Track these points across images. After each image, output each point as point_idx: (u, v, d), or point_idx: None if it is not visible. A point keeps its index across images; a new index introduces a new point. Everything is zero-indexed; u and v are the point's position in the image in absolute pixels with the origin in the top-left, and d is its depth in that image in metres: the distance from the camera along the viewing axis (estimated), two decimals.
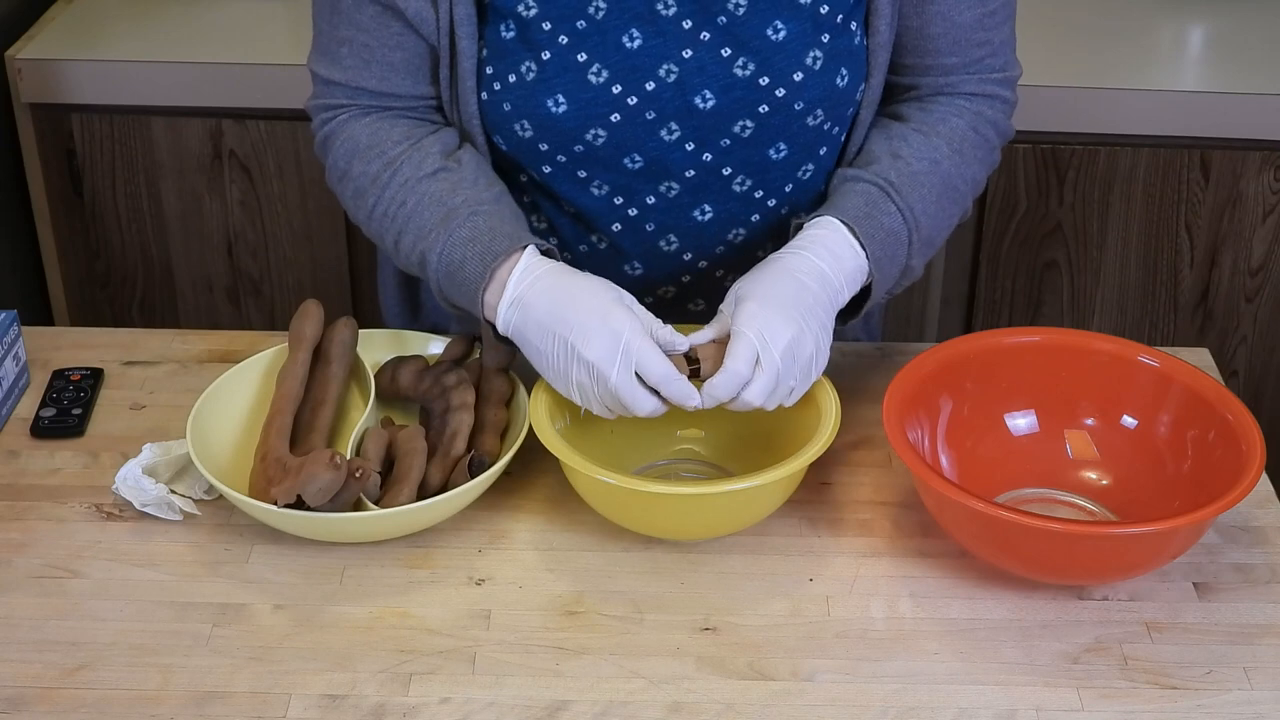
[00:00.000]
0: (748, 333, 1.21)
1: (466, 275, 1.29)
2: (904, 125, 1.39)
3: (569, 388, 1.24)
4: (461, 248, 1.30)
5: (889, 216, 1.33)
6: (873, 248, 1.30)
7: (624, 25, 1.32)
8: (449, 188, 1.34)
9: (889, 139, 1.39)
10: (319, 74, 1.41)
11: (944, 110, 1.40)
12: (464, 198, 1.33)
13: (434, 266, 1.32)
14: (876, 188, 1.34)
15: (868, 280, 1.31)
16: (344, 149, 1.39)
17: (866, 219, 1.31)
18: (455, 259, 1.30)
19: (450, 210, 1.32)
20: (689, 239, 1.43)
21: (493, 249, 1.28)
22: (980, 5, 1.37)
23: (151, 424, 1.41)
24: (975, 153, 1.40)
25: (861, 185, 1.35)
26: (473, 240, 1.30)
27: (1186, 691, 1.13)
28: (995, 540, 1.19)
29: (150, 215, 2.21)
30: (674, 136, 1.36)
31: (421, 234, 1.33)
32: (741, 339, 1.21)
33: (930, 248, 1.38)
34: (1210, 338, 2.21)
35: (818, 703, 1.12)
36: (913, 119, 1.40)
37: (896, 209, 1.33)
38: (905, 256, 1.35)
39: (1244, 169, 2.09)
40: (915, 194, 1.35)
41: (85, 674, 1.14)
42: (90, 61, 2.12)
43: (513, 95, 1.34)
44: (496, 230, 1.30)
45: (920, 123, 1.39)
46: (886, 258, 1.32)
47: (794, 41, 1.32)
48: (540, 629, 1.18)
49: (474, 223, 1.31)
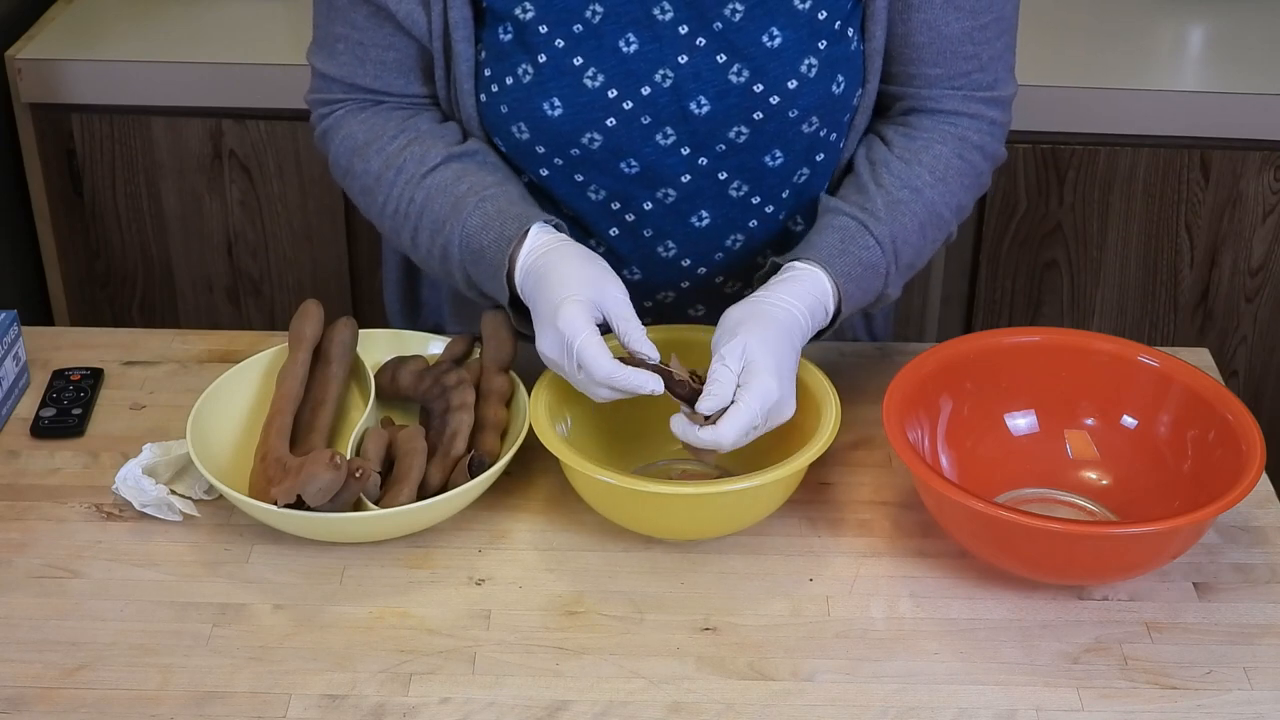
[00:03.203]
0: (753, 403, 1.19)
1: (489, 262, 1.30)
2: (887, 151, 1.38)
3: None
4: (478, 235, 1.30)
5: (866, 251, 1.32)
6: (846, 284, 1.30)
7: (620, 30, 1.32)
8: (454, 176, 1.34)
9: (872, 165, 1.38)
10: (316, 67, 1.41)
11: (928, 137, 1.38)
12: (469, 184, 1.33)
13: (457, 260, 1.32)
14: (855, 221, 1.33)
15: (835, 307, 1.31)
16: (344, 146, 1.39)
17: (841, 255, 1.31)
18: (474, 248, 1.31)
19: (458, 199, 1.32)
20: (687, 245, 1.43)
21: (505, 234, 1.29)
22: (971, 18, 1.35)
23: (151, 424, 1.41)
24: (960, 180, 1.38)
25: (840, 220, 1.34)
26: (485, 228, 1.30)
27: (1186, 691, 1.13)
28: (995, 540, 1.19)
29: (150, 215, 2.21)
30: (670, 141, 1.35)
31: (437, 228, 1.33)
32: (743, 409, 1.19)
33: (910, 271, 1.38)
34: (1210, 338, 2.21)
35: (818, 703, 1.12)
36: (896, 144, 1.39)
37: (875, 241, 1.32)
38: (881, 285, 1.34)
39: (1244, 169, 2.09)
40: (896, 223, 1.34)
41: (85, 674, 1.14)
42: (90, 61, 2.12)
43: (509, 98, 1.35)
44: (506, 213, 1.30)
45: (903, 149, 1.38)
46: (858, 290, 1.32)
47: (789, 48, 1.32)
48: (540, 629, 1.18)
49: (483, 209, 1.31)
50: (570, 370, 1.22)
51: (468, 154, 1.36)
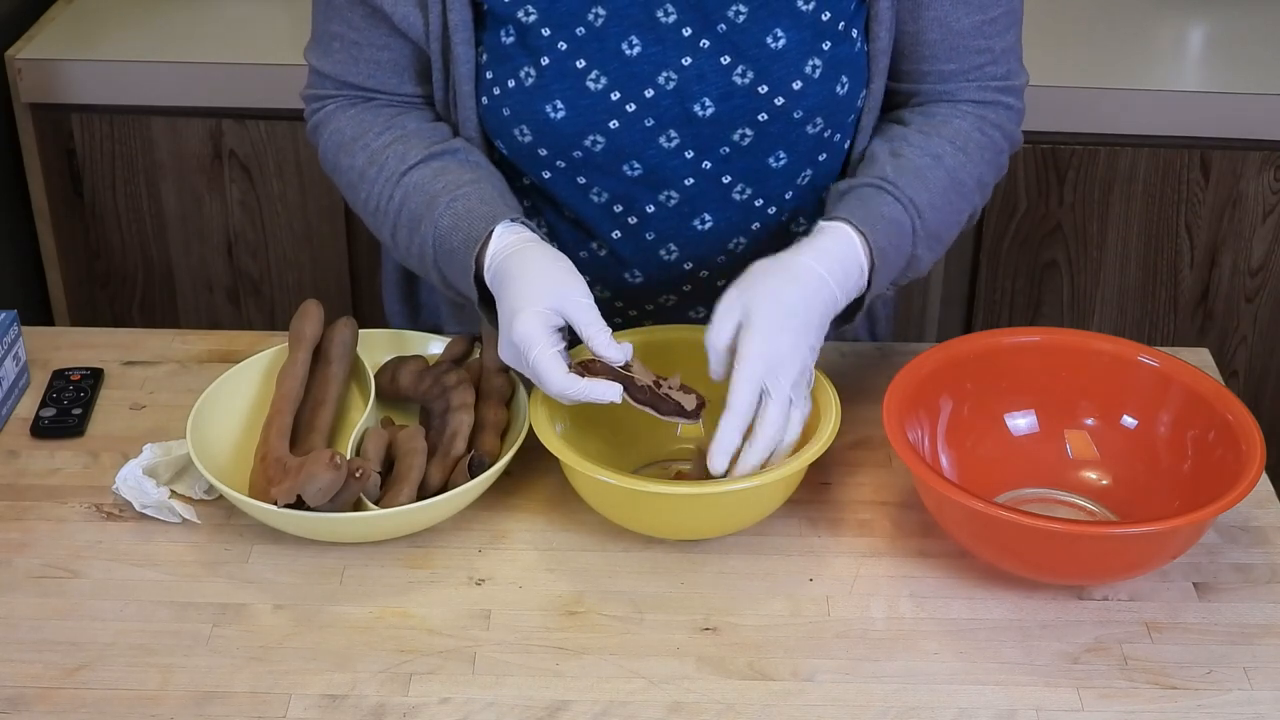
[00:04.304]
0: (750, 381, 1.19)
1: (458, 263, 1.30)
2: (905, 128, 1.38)
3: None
4: (448, 236, 1.30)
5: (887, 206, 1.31)
6: (875, 237, 1.27)
7: (624, 32, 1.32)
8: (431, 174, 1.34)
9: (889, 140, 1.38)
10: (312, 64, 1.42)
11: (946, 113, 1.39)
12: (444, 183, 1.33)
13: (431, 261, 1.32)
14: (871, 187, 1.33)
15: (869, 271, 1.28)
16: (331, 141, 1.40)
17: (862, 209, 1.29)
18: (445, 249, 1.30)
19: (432, 198, 1.32)
20: (689, 248, 1.42)
21: (472, 235, 1.28)
22: (980, 12, 1.35)
23: (151, 424, 1.41)
24: (981, 153, 1.38)
25: (856, 190, 1.33)
26: (454, 229, 1.30)
27: (1186, 691, 1.13)
28: (995, 540, 1.19)
29: (150, 215, 2.21)
30: (673, 144, 1.35)
31: (414, 227, 1.33)
32: (744, 385, 1.19)
33: (938, 242, 1.36)
34: (1210, 338, 2.21)
35: (818, 703, 1.12)
36: (914, 122, 1.39)
37: (894, 199, 1.31)
38: (910, 245, 1.32)
39: (1244, 169, 2.09)
40: (916, 185, 1.33)
41: (85, 674, 1.14)
42: (90, 61, 2.12)
43: (512, 100, 1.34)
44: (474, 212, 1.30)
45: (922, 125, 1.38)
46: (890, 246, 1.29)
47: (793, 50, 1.32)
48: (540, 629, 1.18)
49: (454, 209, 1.31)
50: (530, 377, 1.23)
51: (448, 151, 1.36)
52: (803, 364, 1.22)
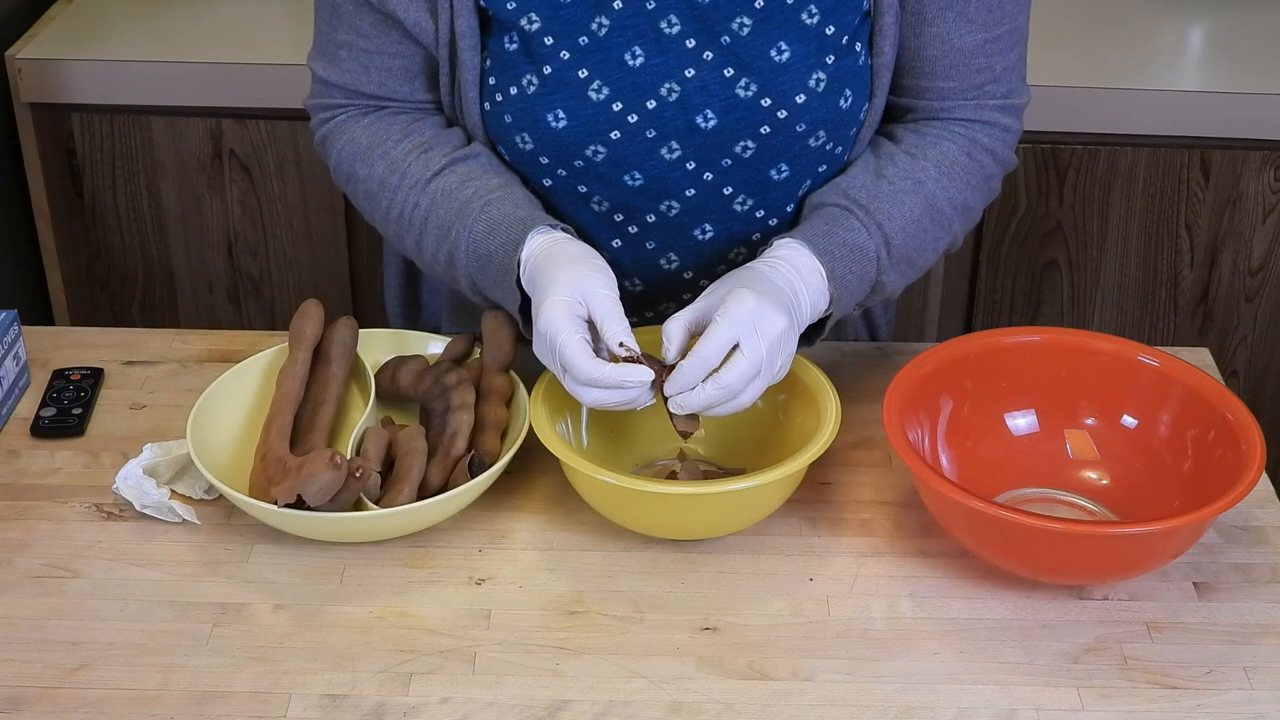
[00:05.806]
0: (734, 322, 1.18)
1: (496, 268, 1.29)
2: (894, 146, 1.38)
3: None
4: (484, 241, 1.30)
5: (851, 232, 1.30)
6: (832, 263, 1.28)
7: (627, 43, 1.32)
8: (459, 181, 1.34)
9: (876, 158, 1.37)
10: (317, 73, 1.41)
11: (936, 134, 1.38)
12: (474, 189, 1.33)
13: (463, 267, 1.32)
14: (838, 208, 1.32)
15: (830, 299, 1.29)
16: (346, 152, 1.39)
17: (825, 236, 1.29)
18: (480, 254, 1.30)
19: (463, 204, 1.32)
20: (689, 257, 1.42)
21: (511, 239, 1.28)
22: (983, 31, 1.34)
23: (151, 424, 1.41)
24: (967, 178, 1.37)
25: (824, 210, 1.33)
26: (490, 233, 1.30)
27: (1186, 691, 1.13)
28: (995, 540, 1.20)
29: (150, 215, 2.21)
30: (675, 155, 1.35)
31: (443, 234, 1.33)
32: (724, 324, 1.18)
33: (910, 267, 1.35)
34: (1210, 338, 2.21)
35: (818, 703, 1.12)
36: (904, 140, 1.38)
37: (860, 224, 1.31)
38: (874, 272, 1.32)
39: (1244, 169, 2.09)
40: (889, 210, 1.32)
41: (85, 674, 1.14)
42: (90, 61, 2.12)
43: (514, 107, 1.34)
44: (510, 216, 1.30)
45: (911, 145, 1.37)
46: (851, 274, 1.29)
47: (797, 63, 1.32)
48: (540, 629, 1.18)
49: (489, 214, 1.31)
50: (558, 373, 1.22)
51: (471, 156, 1.36)
52: (782, 337, 1.20)
